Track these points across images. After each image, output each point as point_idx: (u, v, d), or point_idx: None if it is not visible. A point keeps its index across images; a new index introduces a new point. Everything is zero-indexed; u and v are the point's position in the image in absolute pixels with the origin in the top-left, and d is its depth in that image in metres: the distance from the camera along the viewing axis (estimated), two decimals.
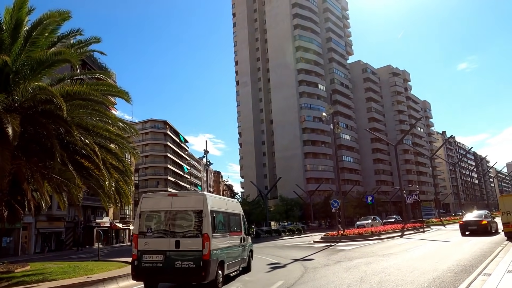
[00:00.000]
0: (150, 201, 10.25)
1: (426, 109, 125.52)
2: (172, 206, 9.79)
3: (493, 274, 8.87)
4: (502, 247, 14.54)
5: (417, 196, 38.13)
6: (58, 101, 9.86)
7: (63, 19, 12.06)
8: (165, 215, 9.80)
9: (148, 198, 10.32)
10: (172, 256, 9.23)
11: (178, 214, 9.75)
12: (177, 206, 9.79)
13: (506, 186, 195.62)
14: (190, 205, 9.82)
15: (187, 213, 9.73)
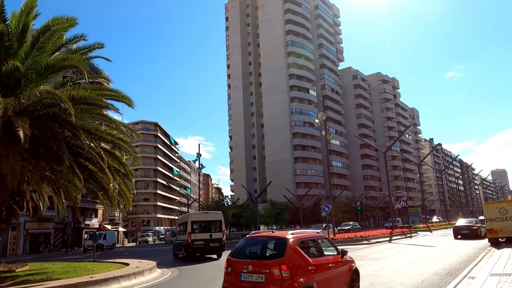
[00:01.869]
0: (196, 215, 22.96)
1: (414, 116, 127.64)
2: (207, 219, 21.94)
3: (477, 277, 9.45)
4: (486, 252, 15.23)
5: (404, 202, 38.95)
6: (66, 106, 10.20)
7: (70, 25, 12.42)
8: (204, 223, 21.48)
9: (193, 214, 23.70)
10: (208, 240, 20.57)
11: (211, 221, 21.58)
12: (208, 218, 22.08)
13: (490, 194, 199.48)
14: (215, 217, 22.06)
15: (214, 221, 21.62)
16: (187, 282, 12.63)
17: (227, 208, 57.97)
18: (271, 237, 7.41)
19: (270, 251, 7.04)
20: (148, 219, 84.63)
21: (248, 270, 6.64)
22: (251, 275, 6.58)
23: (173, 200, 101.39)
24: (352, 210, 65.78)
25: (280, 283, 6.27)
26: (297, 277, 6.38)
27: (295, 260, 6.59)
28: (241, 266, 6.79)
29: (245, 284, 6.60)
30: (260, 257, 7.04)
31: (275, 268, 6.37)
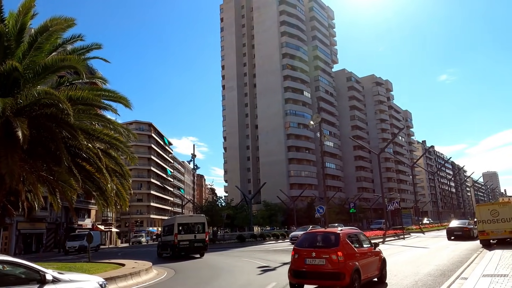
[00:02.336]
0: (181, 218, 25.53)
1: (407, 119, 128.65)
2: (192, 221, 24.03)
3: (469, 278, 9.64)
4: (477, 254, 15.48)
5: (397, 203, 39.28)
6: (65, 106, 10.23)
7: (68, 26, 12.41)
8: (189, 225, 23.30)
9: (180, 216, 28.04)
10: (193, 241, 22.48)
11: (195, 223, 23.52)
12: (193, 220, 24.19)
13: (482, 196, 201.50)
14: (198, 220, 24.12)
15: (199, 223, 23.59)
16: (184, 282, 12.70)
17: (221, 209, 57.86)
18: (327, 232, 10.15)
19: (327, 242, 9.21)
20: (142, 219, 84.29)
21: (312, 256, 8.88)
22: (314, 259, 8.83)
23: (166, 200, 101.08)
24: (345, 212, 66.03)
25: (337, 265, 8.48)
26: (348, 261, 8.62)
27: (346, 249, 8.83)
28: (306, 253, 9.04)
29: (310, 266, 8.83)
30: (320, 246, 9.21)
31: (333, 254, 8.60)
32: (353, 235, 9.89)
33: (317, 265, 8.72)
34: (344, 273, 8.37)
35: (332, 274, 8.57)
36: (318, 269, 8.72)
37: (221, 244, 38.80)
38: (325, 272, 8.65)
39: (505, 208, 19.18)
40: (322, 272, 8.70)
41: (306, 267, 8.85)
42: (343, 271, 8.40)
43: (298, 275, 9.06)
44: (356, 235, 10.16)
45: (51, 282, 5.80)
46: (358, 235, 10.26)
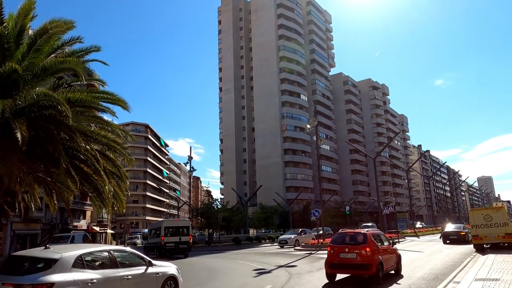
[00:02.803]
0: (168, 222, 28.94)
1: (403, 123, 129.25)
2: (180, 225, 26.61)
3: (462, 282, 9.79)
4: (471, 258, 15.65)
5: (393, 207, 39.45)
6: (64, 108, 10.30)
7: (68, 28, 12.47)
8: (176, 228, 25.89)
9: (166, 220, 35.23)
10: (178, 243, 24.83)
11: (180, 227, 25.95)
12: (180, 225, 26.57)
13: (476, 200, 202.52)
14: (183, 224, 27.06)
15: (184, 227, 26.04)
16: (185, 284, 12.77)
17: (217, 211, 57.86)
18: (356, 232, 12.19)
19: (357, 240, 11.37)
20: (137, 221, 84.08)
21: (345, 251, 11.12)
22: (347, 254, 11.06)
23: (162, 202, 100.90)
24: (341, 215, 66.23)
25: (366, 258, 10.65)
26: (374, 255, 10.76)
27: (372, 245, 11.00)
28: (340, 249, 11.28)
29: (343, 259, 11.08)
30: (351, 244, 11.36)
31: (363, 249, 10.79)
32: (376, 235, 12.08)
33: (349, 258, 10.99)
34: (371, 264, 10.61)
35: (362, 265, 10.77)
36: (350, 261, 10.95)
37: (217, 246, 38.81)
38: (356, 263, 10.85)
39: (498, 213, 19.38)
40: (353, 264, 10.90)
41: (340, 260, 11.13)
42: (371, 263, 10.61)
43: (333, 266, 11.31)
44: (379, 235, 12.44)
45: (151, 265, 8.69)
46: (380, 235, 12.53)
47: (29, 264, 7.06)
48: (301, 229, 36.47)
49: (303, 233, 34.57)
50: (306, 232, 35.71)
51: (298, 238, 32.46)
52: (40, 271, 6.68)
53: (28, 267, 6.97)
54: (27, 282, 6.38)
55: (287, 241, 31.68)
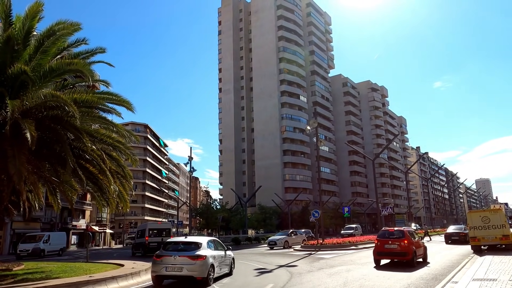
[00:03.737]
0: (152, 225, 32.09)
1: (402, 125, 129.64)
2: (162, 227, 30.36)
3: (460, 282, 10.01)
4: (468, 259, 15.87)
5: (391, 209, 39.68)
6: (71, 109, 10.51)
7: (74, 30, 12.71)
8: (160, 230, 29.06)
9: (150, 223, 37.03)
10: (160, 243, 21.99)
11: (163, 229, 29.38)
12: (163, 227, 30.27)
13: (474, 202, 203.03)
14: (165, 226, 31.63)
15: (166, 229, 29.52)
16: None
17: (216, 211, 58.07)
18: (396, 230, 16.45)
19: (398, 235, 15.43)
20: (136, 221, 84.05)
21: (389, 243, 15.16)
22: (390, 245, 15.07)
23: (161, 202, 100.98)
24: (339, 216, 66.50)
25: (405, 248, 14.64)
26: (410, 246, 14.73)
27: (409, 239, 15.00)
28: (385, 241, 15.37)
29: (387, 249, 15.11)
30: (393, 237, 15.35)
31: (402, 241, 14.83)
32: (410, 232, 16.30)
33: (392, 248, 15.03)
34: (408, 252, 14.62)
35: (402, 253, 14.82)
36: (393, 250, 15.02)
37: None
38: (398, 251, 14.93)
39: (496, 215, 19.61)
40: (395, 252, 15.00)
41: (385, 250, 15.21)
42: (408, 251, 14.63)
43: (380, 254, 15.38)
44: (411, 232, 16.50)
45: (228, 249, 14.00)
46: (412, 232, 16.66)
47: (185, 246, 11.94)
48: (291, 230, 36.04)
49: (293, 234, 34.12)
50: (296, 233, 35.24)
51: (288, 240, 32.17)
52: (195, 249, 11.65)
53: (186, 247, 11.85)
54: (194, 254, 11.33)
55: (276, 242, 31.30)
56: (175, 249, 11.77)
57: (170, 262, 11.14)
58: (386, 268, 14.41)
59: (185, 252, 11.44)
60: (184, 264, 11.09)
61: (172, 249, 11.75)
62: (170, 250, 11.67)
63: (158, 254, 11.62)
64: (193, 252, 11.46)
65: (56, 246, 35.71)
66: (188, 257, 11.21)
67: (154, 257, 11.64)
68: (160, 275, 11.27)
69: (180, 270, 11.06)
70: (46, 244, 33.96)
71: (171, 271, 11.11)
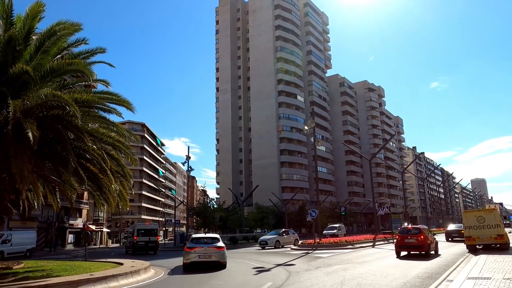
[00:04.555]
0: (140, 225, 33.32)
1: (398, 125, 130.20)
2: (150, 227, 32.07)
3: (455, 280, 10.19)
4: (463, 258, 16.09)
5: (388, 208, 39.93)
6: (72, 109, 10.60)
7: (75, 30, 12.79)
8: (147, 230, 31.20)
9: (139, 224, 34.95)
10: (148, 242, 30.41)
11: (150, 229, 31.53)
12: (151, 227, 32.16)
13: (469, 202, 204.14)
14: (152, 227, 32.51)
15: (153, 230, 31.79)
16: (184, 280, 13.13)
17: (213, 211, 58.16)
18: (413, 227, 19.82)
19: (415, 231, 18.75)
20: (133, 220, 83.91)
21: (408, 237, 18.51)
22: (409, 239, 18.41)
23: (157, 201, 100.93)
24: (336, 216, 66.81)
25: (421, 242, 17.98)
26: (425, 240, 18.06)
27: (424, 235, 18.36)
28: (405, 236, 18.67)
29: (407, 243, 18.48)
30: (411, 233, 18.70)
31: (419, 237, 18.23)
32: (425, 229, 20.05)
33: (411, 242, 18.49)
34: (424, 245, 18.09)
35: (419, 246, 18.30)
36: (411, 244, 18.49)
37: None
38: (415, 245, 18.36)
39: (491, 215, 19.85)
40: (413, 245, 18.45)
41: (405, 243, 18.72)
42: (424, 244, 18.10)
43: (401, 247, 18.91)
44: (426, 229, 20.98)
45: None
46: (427, 229, 21.26)
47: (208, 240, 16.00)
48: (283, 230, 35.84)
49: (285, 234, 33.83)
50: (288, 232, 34.96)
51: (279, 239, 32.07)
52: (217, 242, 15.78)
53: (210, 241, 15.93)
54: (219, 245, 15.43)
55: (267, 242, 31.16)
56: (202, 242, 15.88)
57: (201, 252, 15.23)
58: (383, 267, 14.62)
59: (211, 244, 15.64)
60: (212, 253, 15.31)
61: (200, 242, 15.89)
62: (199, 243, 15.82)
63: (190, 246, 15.65)
64: (216, 244, 15.71)
65: (21, 247, 32.02)
66: (215, 248, 15.48)
67: (186, 248, 15.78)
68: (194, 261, 15.25)
69: (210, 257, 15.30)
70: (5, 245, 30.00)
71: (203, 258, 15.29)
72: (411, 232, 18.88)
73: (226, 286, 11.63)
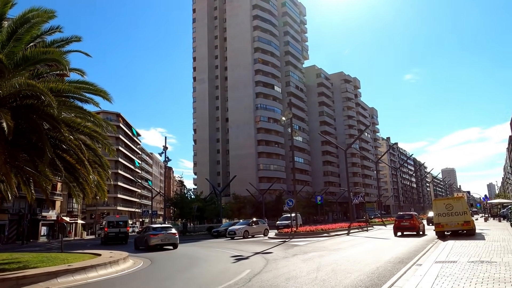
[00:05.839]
0: (110, 218, 38.44)
1: (373, 116, 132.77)
2: (119, 220, 35.59)
3: (423, 264, 10.76)
4: (432, 244, 16.90)
5: (362, 197, 41.03)
6: (48, 99, 10.43)
7: (49, 17, 12.47)
8: (117, 222, 34.48)
9: (110, 217, 42.17)
10: (118, 233, 33.33)
11: (120, 221, 34.71)
12: (120, 220, 35.43)
13: (440, 191, 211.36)
14: (123, 219, 35.74)
15: (123, 221, 34.83)
16: (163, 270, 13.22)
17: (191, 201, 58.01)
18: (407, 213, 27.21)
19: (408, 216, 25.30)
20: (108, 211, 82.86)
21: (403, 221, 24.79)
22: (404, 222, 24.63)
23: (134, 192, 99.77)
24: (312, 205, 67.91)
25: (413, 224, 24.19)
26: (416, 223, 24.41)
27: (415, 219, 24.77)
28: (401, 220, 25.05)
29: (403, 225, 24.53)
30: (406, 218, 25.14)
31: (411, 220, 24.50)
32: (415, 215, 25.73)
33: (405, 224, 24.20)
34: (415, 227, 23.90)
35: (411, 228, 24.01)
36: (405, 226, 24.21)
37: (191, 236, 39.22)
38: (408, 227, 24.12)
39: (458, 203, 20.80)
40: (407, 227, 24.15)
41: (401, 226, 24.33)
42: (415, 226, 23.91)
43: (398, 228, 24.44)
44: (417, 214, 27.39)
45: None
46: (417, 215, 26.82)
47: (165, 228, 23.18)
48: (252, 220, 35.33)
49: (254, 224, 33.27)
50: (258, 222, 34.39)
51: (248, 229, 31.65)
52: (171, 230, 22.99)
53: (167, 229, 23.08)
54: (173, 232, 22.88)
55: (236, 232, 30.79)
56: (162, 230, 22.81)
57: (163, 237, 21.99)
58: (357, 254, 15.17)
59: (168, 231, 22.60)
60: (170, 237, 22.09)
61: (160, 230, 22.74)
62: (160, 230, 22.72)
63: (153, 233, 22.11)
64: (171, 231, 22.81)
65: None
66: (172, 234, 22.40)
67: (150, 235, 21.96)
68: (157, 243, 21.66)
69: (169, 240, 22.03)
70: None
71: (164, 241, 21.96)
72: (405, 217, 25.10)
73: (206, 274, 11.84)
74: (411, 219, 24.40)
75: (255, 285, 8.92)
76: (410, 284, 7.70)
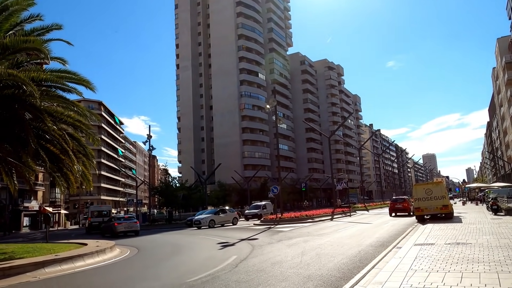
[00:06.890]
0: (94, 207, 40.98)
1: (356, 103, 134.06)
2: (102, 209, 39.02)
3: (403, 247, 11.21)
4: (412, 228, 17.48)
5: (346, 183, 41.76)
6: (29, 89, 10.31)
7: (29, 5, 12.26)
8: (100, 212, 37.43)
9: (93, 206, 43.34)
10: (101, 222, 32.92)
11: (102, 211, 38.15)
12: (103, 209, 38.99)
13: (421, 176, 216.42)
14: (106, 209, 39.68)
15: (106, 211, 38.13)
16: (150, 258, 13.38)
17: (176, 189, 57.92)
18: (400, 197, 32.07)
19: (401, 200, 29.71)
20: (92, 201, 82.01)
21: (397, 204, 28.93)
22: (398, 205, 28.67)
23: (117, 181, 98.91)
24: (297, 192, 68.78)
25: (406, 206, 28.06)
26: (408, 206, 27.88)
27: (407, 202, 28.50)
28: (395, 203, 29.10)
29: (397, 208, 28.46)
30: (399, 201, 29.34)
31: (404, 203, 28.45)
32: (408, 199, 29.65)
33: (399, 207, 28.29)
34: (408, 209, 27.68)
35: (404, 209, 27.94)
36: (399, 208, 28.27)
37: (177, 224, 39.37)
38: (401, 209, 28.14)
39: (437, 188, 21.51)
40: (401, 209, 28.16)
41: (396, 208, 28.37)
42: (407, 208, 27.72)
43: (393, 210, 28.38)
44: (408, 198, 30.19)
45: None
46: (409, 198, 29.68)
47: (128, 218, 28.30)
48: (218, 208, 34.48)
49: (221, 213, 31.99)
50: (225, 211, 32.92)
51: (214, 218, 30.50)
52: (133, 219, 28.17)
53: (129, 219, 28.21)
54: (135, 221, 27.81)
55: (201, 222, 29.69)
56: (125, 219, 27.49)
57: (126, 225, 26.27)
58: (340, 238, 15.61)
59: (131, 220, 27.31)
60: (133, 225, 26.55)
61: (123, 220, 27.39)
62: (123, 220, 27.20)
63: (118, 222, 26.36)
64: (133, 220, 27.57)
65: None
66: (134, 223, 26.98)
67: (115, 224, 26.22)
68: (122, 231, 25.72)
69: (131, 228, 26.42)
70: None
71: (128, 229, 26.23)
72: (399, 200, 29.33)
73: (194, 260, 12.05)
74: (403, 202, 28.34)
75: (242, 270, 9.17)
76: (390, 266, 8.07)
